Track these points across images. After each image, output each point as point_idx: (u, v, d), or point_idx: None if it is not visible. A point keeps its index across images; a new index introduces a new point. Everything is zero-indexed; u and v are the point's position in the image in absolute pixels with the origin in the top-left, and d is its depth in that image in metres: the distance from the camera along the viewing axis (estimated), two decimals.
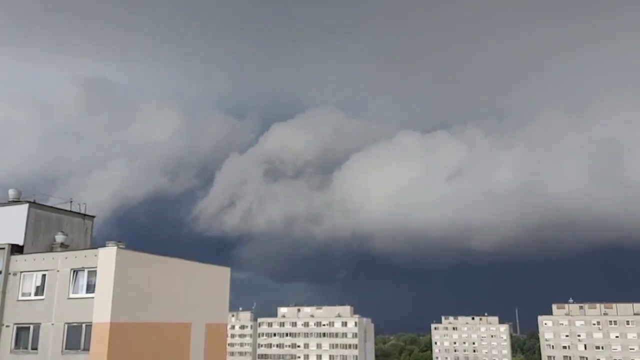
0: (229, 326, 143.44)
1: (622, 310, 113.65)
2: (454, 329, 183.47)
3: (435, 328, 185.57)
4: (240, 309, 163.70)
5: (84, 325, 24.82)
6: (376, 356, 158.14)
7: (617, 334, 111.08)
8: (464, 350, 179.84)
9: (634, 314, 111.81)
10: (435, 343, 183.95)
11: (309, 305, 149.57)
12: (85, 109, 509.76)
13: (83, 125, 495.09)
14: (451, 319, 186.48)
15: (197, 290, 29.42)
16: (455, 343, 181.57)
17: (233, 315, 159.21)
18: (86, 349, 24.41)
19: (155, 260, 27.04)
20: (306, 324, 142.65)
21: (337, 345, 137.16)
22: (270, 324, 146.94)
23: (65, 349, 25.10)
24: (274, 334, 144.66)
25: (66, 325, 25.44)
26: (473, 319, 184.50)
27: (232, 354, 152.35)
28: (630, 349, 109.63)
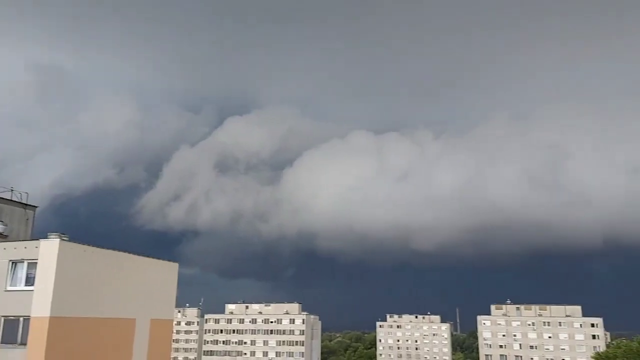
0: (174, 322, 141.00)
1: (555, 312, 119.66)
2: (398, 327, 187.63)
3: (380, 326, 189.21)
4: (187, 305, 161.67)
5: (21, 319, 24.13)
6: (322, 353, 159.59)
7: (550, 335, 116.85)
8: (407, 348, 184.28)
9: (566, 316, 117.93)
10: (380, 340, 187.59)
11: (257, 302, 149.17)
12: (36, 96, 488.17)
13: (32, 112, 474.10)
14: (396, 317, 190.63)
15: (143, 285, 29.12)
16: (398, 341, 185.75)
17: (179, 312, 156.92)
18: (23, 343, 23.77)
19: (100, 253, 26.58)
20: (254, 321, 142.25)
21: (284, 342, 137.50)
22: (217, 321, 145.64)
23: (2, 342, 24.36)
24: (221, 331, 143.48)
25: (2, 319, 24.68)
26: (416, 317, 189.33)
27: (177, 350, 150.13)
28: (562, 348, 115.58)
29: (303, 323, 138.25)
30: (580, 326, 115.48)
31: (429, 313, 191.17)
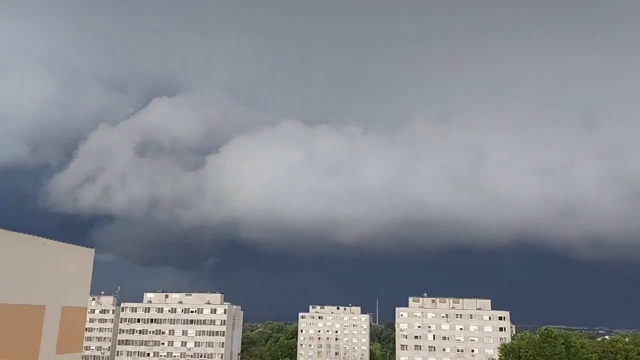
0: (88, 310, 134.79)
1: (467, 305, 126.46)
2: (319, 318, 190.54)
3: (302, 317, 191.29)
4: (102, 293, 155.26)
5: None
6: (242, 344, 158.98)
7: (461, 326, 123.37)
8: (327, 339, 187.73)
9: (477, 309, 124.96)
10: (301, 331, 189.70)
11: (177, 291, 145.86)
12: None
13: None
14: (318, 308, 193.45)
15: (55, 271, 27.68)
16: (319, 331, 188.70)
17: (94, 300, 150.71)
18: None
19: (8, 236, 24.96)
20: (173, 310, 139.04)
21: (204, 332, 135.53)
22: (134, 310, 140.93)
23: None
24: (138, 320, 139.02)
25: None
26: (338, 308, 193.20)
27: (89, 339, 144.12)
28: (471, 340, 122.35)
29: (225, 313, 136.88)
30: (489, 319, 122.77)
31: (350, 305, 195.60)
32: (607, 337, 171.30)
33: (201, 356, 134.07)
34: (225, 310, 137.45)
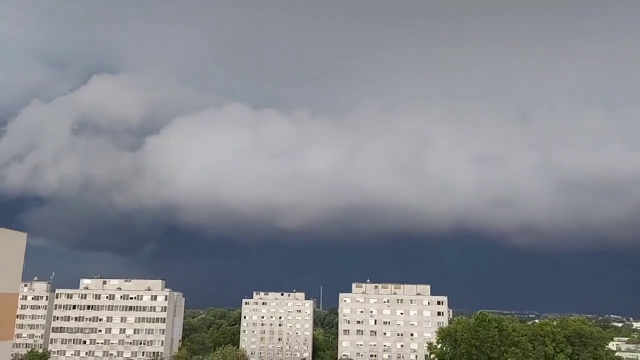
0: (20, 297, 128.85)
1: (408, 290, 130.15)
2: (263, 304, 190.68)
3: (246, 303, 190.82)
4: (36, 278, 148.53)
5: None
6: (184, 330, 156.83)
7: (402, 311, 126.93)
8: (271, 325, 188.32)
9: (417, 294, 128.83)
10: (245, 317, 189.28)
11: (116, 277, 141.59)
12: None
13: None
14: (262, 294, 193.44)
15: None
16: (263, 317, 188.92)
17: (26, 286, 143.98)
18: None
19: None
20: (111, 297, 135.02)
21: (143, 319, 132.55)
22: (69, 296, 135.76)
23: None
24: (74, 307, 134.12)
25: None
26: (282, 294, 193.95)
27: (21, 326, 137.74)
28: (411, 324, 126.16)
29: (165, 300, 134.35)
30: (428, 304, 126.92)
31: (294, 290, 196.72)
32: (536, 320, 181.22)
33: (141, 343, 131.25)
34: (166, 296, 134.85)
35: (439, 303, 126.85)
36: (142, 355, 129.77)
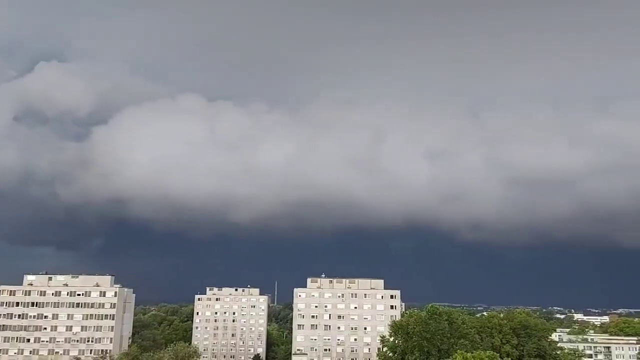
0: None
1: (362, 285, 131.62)
2: (217, 300, 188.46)
3: (199, 299, 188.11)
4: None
5: None
6: (134, 327, 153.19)
7: (356, 305, 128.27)
8: (224, 321, 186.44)
9: (371, 288, 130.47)
10: (197, 313, 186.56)
11: (61, 273, 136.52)
12: None
13: None
14: (215, 290, 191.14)
15: None
16: (216, 313, 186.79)
17: None
18: None
19: None
20: (58, 294, 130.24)
21: (91, 316, 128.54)
22: (12, 293, 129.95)
23: None
24: (17, 304, 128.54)
25: None
26: (236, 290, 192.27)
27: None
28: (365, 318, 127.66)
29: (115, 296, 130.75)
30: (382, 298, 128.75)
31: (248, 286, 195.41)
32: (485, 313, 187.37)
33: (88, 341, 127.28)
34: (115, 293, 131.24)
35: (392, 297, 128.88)
36: (90, 353, 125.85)
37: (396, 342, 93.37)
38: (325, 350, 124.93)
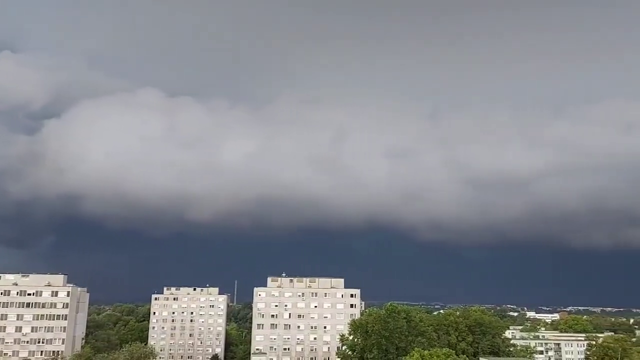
0: None
1: (323, 284, 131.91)
2: (174, 299, 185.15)
3: (156, 298, 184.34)
4: None
5: None
6: (88, 327, 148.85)
7: (316, 304, 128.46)
8: (182, 320, 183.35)
9: (331, 287, 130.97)
10: (154, 313, 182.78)
11: (9, 272, 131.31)
12: None
13: None
14: (173, 289, 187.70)
15: None
16: (174, 313, 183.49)
17: None
18: None
19: None
20: (6, 293, 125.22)
21: (42, 316, 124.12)
22: None
23: None
24: None
25: None
26: (194, 289, 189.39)
27: None
28: (325, 317, 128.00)
29: (68, 296, 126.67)
30: (342, 296, 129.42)
31: (207, 285, 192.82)
32: (442, 311, 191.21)
33: (39, 342, 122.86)
34: (68, 292, 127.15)
35: (352, 296, 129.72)
36: (41, 354, 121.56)
37: (355, 340, 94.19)
38: (285, 349, 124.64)
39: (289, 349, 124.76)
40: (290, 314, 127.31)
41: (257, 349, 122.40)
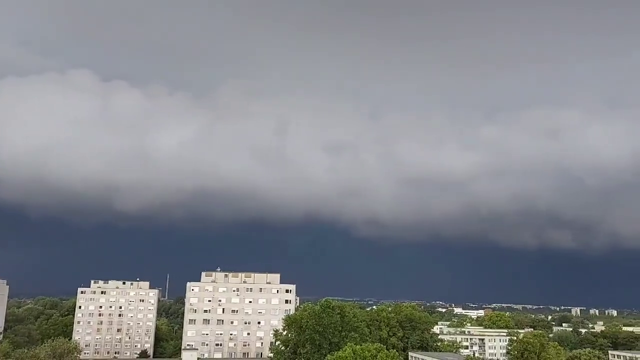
0: None
1: (258, 279, 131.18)
2: (102, 293, 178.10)
3: (82, 292, 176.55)
4: None
5: None
6: (6, 321, 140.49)
7: (251, 300, 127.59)
8: (110, 315, 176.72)
9: (267, 283, 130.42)
10: (80, 307, 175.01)
11: None
12: None
13: None
14: (101, 283, 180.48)
15: None
16: (101, 307, 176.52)
17: None
18: None
19: None
20: None
21: None
22: None
23: None
24: None
25: None
26: (124, 283, 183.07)
27: None
28: (259, 312, 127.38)
29: None
30: (277, 292, 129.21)
31: (138, 279, 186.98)
32: (375, 307, 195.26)
33: None
34: None
35: (287, 291, 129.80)
36: None
37: (289, 335, 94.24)
38: (217, 345, 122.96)
39: (221, 344, 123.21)
40: (224, 309, 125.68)
41: (189, 345, 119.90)
